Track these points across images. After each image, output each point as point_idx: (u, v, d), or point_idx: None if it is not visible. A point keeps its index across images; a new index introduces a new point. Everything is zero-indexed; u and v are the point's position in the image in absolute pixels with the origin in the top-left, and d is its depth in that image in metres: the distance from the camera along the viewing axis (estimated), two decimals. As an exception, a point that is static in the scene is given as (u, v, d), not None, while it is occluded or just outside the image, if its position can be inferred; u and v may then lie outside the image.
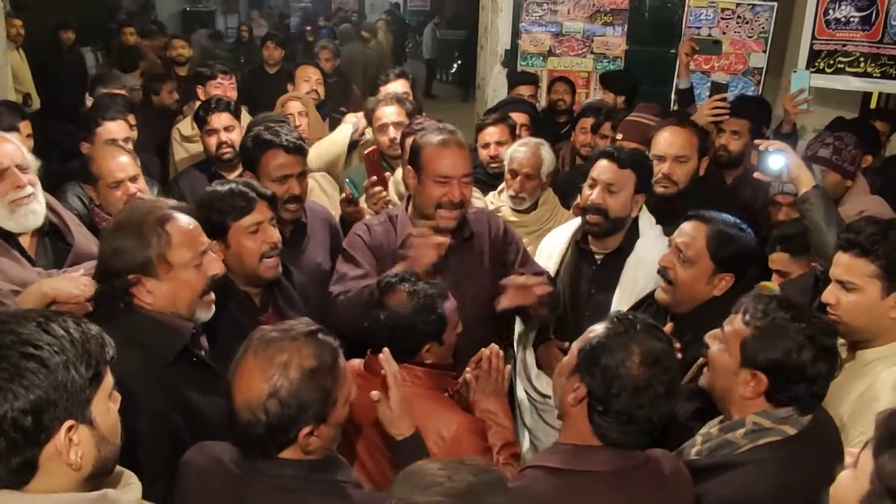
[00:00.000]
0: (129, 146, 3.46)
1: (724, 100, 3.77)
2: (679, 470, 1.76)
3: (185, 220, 1.99)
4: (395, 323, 2.13)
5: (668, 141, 3.09)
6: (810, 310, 1.83)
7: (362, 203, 3.33)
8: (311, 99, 4.50)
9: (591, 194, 2.73)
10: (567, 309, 2.84)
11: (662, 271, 2.42)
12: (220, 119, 3.67)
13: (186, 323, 1.97)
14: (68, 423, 1.24)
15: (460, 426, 2.03)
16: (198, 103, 4.54)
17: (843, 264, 2.07)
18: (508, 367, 2.27)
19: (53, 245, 2.58)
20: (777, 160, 2.64)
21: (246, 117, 4.04)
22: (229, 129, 3.66)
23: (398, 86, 4.28)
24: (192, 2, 18.40)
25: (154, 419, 1.80)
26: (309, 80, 4.80)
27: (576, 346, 1.77)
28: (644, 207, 2.86)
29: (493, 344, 2.26)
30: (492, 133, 3.83)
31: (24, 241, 2.49)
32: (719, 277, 2.36)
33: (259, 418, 1.56)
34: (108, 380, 1.34)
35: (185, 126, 4.41)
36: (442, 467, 1.33)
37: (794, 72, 4.26)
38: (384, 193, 3.19)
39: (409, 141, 3.19)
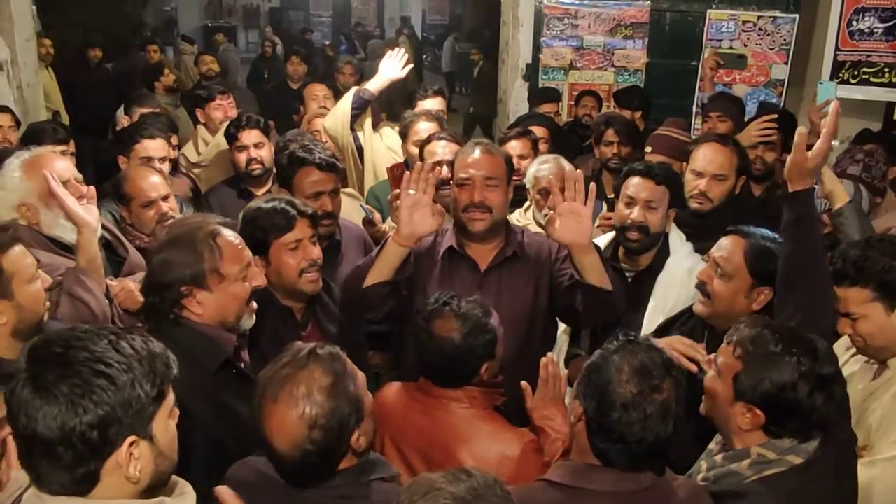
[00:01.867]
0: (167, 165, 3.51)
1: (773, 121, 3.72)
2: (697, 499, 1.73)
3: (232, 235, 2.07)
4: (451, 351, 2.08)
5: (708, 158, 3.07)
6: (804, 335, 1.79)
7: (387, 224, 3.35)
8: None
9: (630, 213, 2.72)
10: (597, 328, 2.82)
11: (701, 285, 2.41)
12: (250, 136, 3.71)
13: (229, 336, 2.04)
14: (131, 438, 1.29)
15: (525, 445, 2.03)
16: (199, 128, 4.57)
17: (842, 298, 2.10)
18: (566, 371, 2.27)
19: (108, 258, 2.66)
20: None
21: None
22: (259, 146, 3.71)
23: (435, 103, 4.27)
24: (213, 18, 18.64)
25: (198, 427, 1.84)
26: (316, 98, 4.82)
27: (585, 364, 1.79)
28: (674, 224, 2.86)
29: (549, 353, 2.27)
30: (514, 147, 3.83)
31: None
32: (758, 292, 2.34)
33: (309, 451, 1.59)
34: (171, 397, 1.39)
35: (190, 151, 4.42)
36: (444, 476, 1.36)
37: (821, 83, 4.25)
38: None
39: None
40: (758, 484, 1.74)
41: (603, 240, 2.97)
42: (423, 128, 3.68)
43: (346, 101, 3.96)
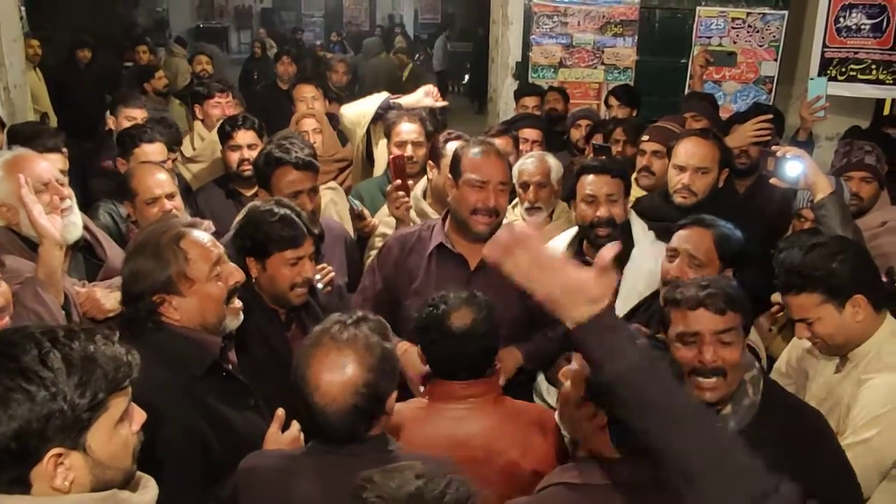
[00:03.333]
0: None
1: (768, 121, 3.71)
2: None
3: (198, 234, 2.02)
4: (483, 331, 2.09)
5: (689, 152, 3.11)
6: None
7: (377, 217, 3.34)
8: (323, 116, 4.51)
9: (596, 211, 2.78)
10: None
11: (676, 282, 2.43)
12: (245, 136, 3.68)
13: (214, 338, 2.00)
14: (54, 450, 1.27)
15: (554, 413, 2.09)
16: (196, 123, 4.55)
17: (793, 306, 2.21)
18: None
19: (86, 260, 2.65)
20: (794, 166, 2.67)
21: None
22: (252, 147, 3.66)
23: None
24: (205, 19, 18.60)
25: (183, 431, 1.83)
26: (304, 100, 4.76)
27: (577, 372, 1.75)
28: (633, 213, 2.96)
29: None
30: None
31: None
32: (724, 274, 2.45)
33: (363, 394, 1.66)
34: (117, 406, 1.35)
35: (186, 147, 4.37)
36: (421, 470, 1.33)
37: (812, 79, 4.27)
38: (406, 199, 3.17)
39: (448, 148, 3.21)
40: (762, 411, 1.95)
41: (567, 235, 3.01)
42: (406, 129, 3.66)
43: (375, 100, 3.99)
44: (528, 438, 2.04)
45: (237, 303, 2.08)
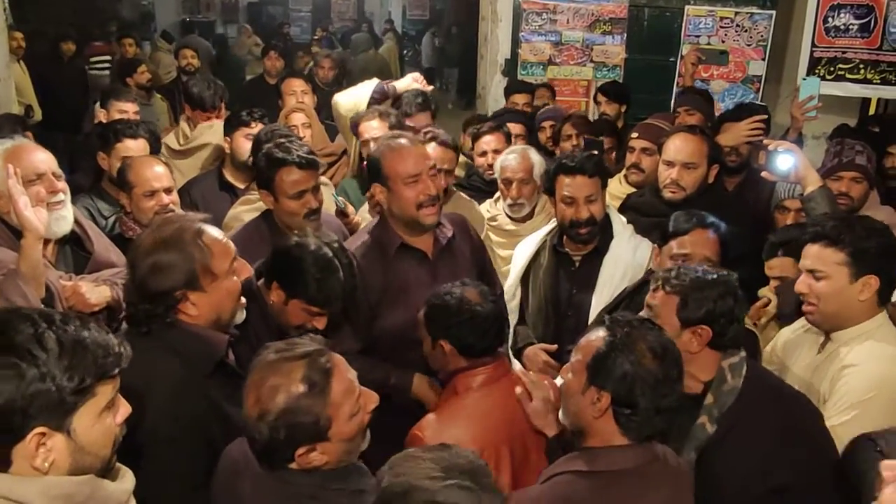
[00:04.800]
0: None
1: (762, 121, 3.71)
2: (676, 457, 1.86)
3: (216, 231, 2.03)
4: (493, 300, 2.22)
5: (677, 147, 3.14)
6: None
7: (359, 215, 3.33)
8: (312, 110, 4.48)
9: (576, 211, 2.80)
10: (549, 312, 2.92)
11: None
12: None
13: (222, 336, 1.99)
14: (39, 429, 1.28)
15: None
16: (183, 118, 4.48)
17: (813, 255, 2.21)
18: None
19: (73, 253, 2.62)
20: (786, 160, 2.69)
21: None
22: None
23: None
24: (191, 12, 18.44)
25: (195, 428, 1.83)
26: (294, 94, 4.73)
27: (580, 360, 1.80)
28: (612, 207, 3.02)
29: None
30: (488, 141, 3.86)
31: (46, 248, 2.49)
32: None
33: (254, 438, 1.61)
34: (104, 394, 1.36)
35: (172, 140, 4.30)
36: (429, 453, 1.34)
37: (804, 79, 4.30)
38: None
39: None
40: (744, 393, 1.95)
41: (543, 231, 3.06)
42: (370, 126, 3.61)
43: (368, 87, 3.97)
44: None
45: (243, 298, 2.08)
